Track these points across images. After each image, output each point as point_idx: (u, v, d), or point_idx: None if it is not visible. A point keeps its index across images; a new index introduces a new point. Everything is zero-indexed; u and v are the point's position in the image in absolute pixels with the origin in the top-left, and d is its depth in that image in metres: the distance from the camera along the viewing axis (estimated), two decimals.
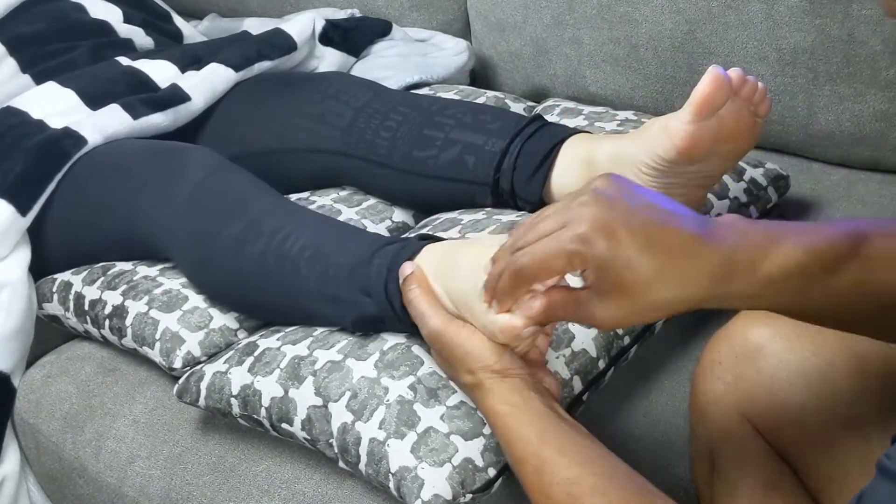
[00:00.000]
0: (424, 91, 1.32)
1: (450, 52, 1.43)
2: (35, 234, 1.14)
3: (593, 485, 0.67)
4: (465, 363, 0.75)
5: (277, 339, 0.91)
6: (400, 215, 1.12)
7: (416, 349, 0.84)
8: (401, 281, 0.80)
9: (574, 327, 0.87)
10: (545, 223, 0.65)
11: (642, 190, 0.65)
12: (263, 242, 0.93)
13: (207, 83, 1.24)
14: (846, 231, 0.63)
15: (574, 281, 0.71)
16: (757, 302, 0.64)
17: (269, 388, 0.87)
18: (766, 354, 0.79)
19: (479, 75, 1.47)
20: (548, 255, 0.64)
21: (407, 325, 0.82)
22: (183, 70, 1.27)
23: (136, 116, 1.17)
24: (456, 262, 0.77)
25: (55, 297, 1.11)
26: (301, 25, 1.36)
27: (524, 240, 0.66)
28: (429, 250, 0.82)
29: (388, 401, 0.81)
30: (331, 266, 0.88)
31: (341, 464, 0.85)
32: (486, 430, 0.79)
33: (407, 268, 0.80)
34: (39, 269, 1.14)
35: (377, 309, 0.84)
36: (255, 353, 0.90)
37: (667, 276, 0.61)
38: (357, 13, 1.53)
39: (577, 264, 0.63)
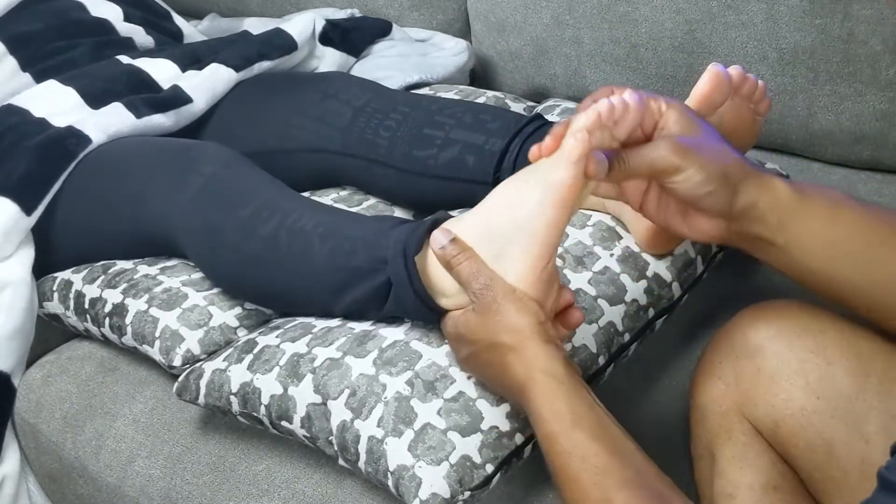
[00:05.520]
0: (424, 91, 1.32)
1: (450, 52, 1.43)
2: (40, 234, 1.13)
3: (624, 478, 0.66)
4: (511, 320, 0.74)
5: (277, 337, 0.91)
6: (400, 215, 1.12)
7: (415, 344, 0.84)
8: (436, 248, 0.79)
9: None
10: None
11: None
12: (276, 221, 0.92)
13: (208, 84, 1.24)
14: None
15: None
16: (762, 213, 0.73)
17: (268, 385, 0.87)
18: (767, 354, 0.78)
19: (479, 75, 1.47)
20: (630, 93, 0.72)
21: (420, 297, 0.81)
22: (184, 69, 1.27)
23: (138, 116, 1.17)
24: (490, 219, 0.78)
25: (55, 295, 1.11)
26: (301, 25, 1.36)
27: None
28: (456, 221, 0.81)
29: (385, 398, 0.81)
30: (346, 239, 0.88)
31: (341, 462, 0.85)
32: (484, 426, 0.79)
33: (441, 235, 0.79)
34: (45, 269, 1.14)
35: (391, 276, 0.83)
36: (255, 351, 0.90)
37: (708, 152, 0.73)
38: (357, 13, 1.52)
39: (653, 106, 0.73)
